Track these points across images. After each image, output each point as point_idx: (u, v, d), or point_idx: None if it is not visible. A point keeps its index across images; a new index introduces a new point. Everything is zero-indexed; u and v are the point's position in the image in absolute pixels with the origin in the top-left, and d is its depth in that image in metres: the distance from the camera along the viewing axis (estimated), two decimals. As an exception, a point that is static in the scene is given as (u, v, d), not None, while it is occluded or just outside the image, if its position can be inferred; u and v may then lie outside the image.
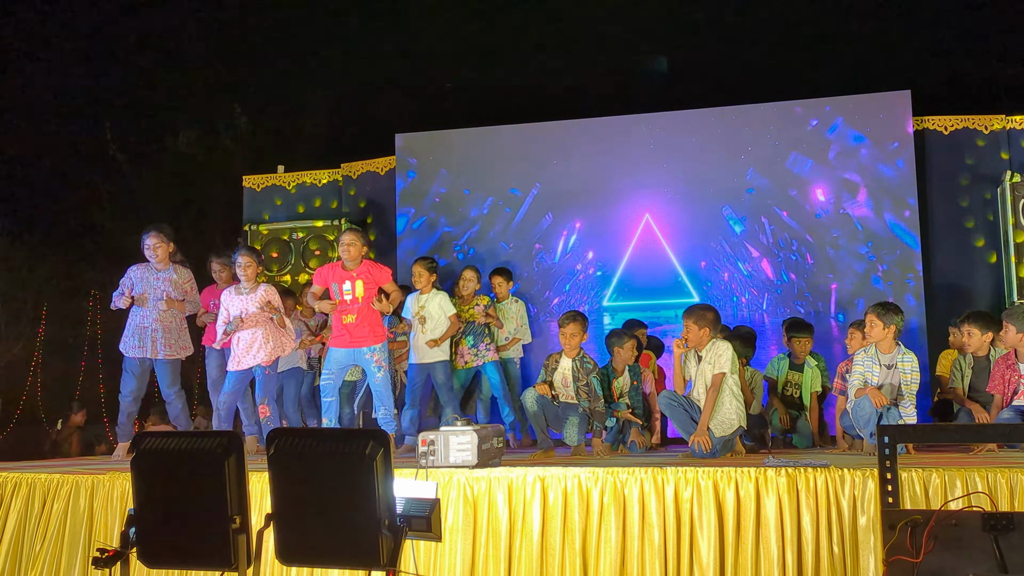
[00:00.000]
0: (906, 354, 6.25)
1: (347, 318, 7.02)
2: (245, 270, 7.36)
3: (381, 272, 7.21)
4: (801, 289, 8.94)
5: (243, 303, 7.33)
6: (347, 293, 7.03)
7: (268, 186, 10.74)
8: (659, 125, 9.47)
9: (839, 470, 4.78)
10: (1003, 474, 4.60)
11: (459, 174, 9.81)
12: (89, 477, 5.84)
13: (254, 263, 7.39)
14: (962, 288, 8.83)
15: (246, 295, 7.35)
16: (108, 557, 3.69)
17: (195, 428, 10.35)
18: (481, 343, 7.99)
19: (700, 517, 4.89)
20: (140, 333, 7.46)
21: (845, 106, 9.04)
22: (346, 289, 7.03)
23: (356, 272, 7.08)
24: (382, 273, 7.21)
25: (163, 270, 7.59)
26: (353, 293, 7.04)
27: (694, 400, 6.47)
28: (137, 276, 7.57)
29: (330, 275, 7.17)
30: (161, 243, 7.57)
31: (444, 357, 7.77)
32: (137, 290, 7.50)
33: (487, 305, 8.05)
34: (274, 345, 7.30)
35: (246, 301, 7.33)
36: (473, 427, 5.41)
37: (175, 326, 7.58)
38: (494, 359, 8.03)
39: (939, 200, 8.99)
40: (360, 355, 7.06)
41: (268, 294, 7.36)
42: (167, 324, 7.51)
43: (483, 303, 8.04)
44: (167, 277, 7.58)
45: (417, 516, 3.60)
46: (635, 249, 9.29)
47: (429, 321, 7.73)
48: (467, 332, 7.98)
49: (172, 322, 7.55)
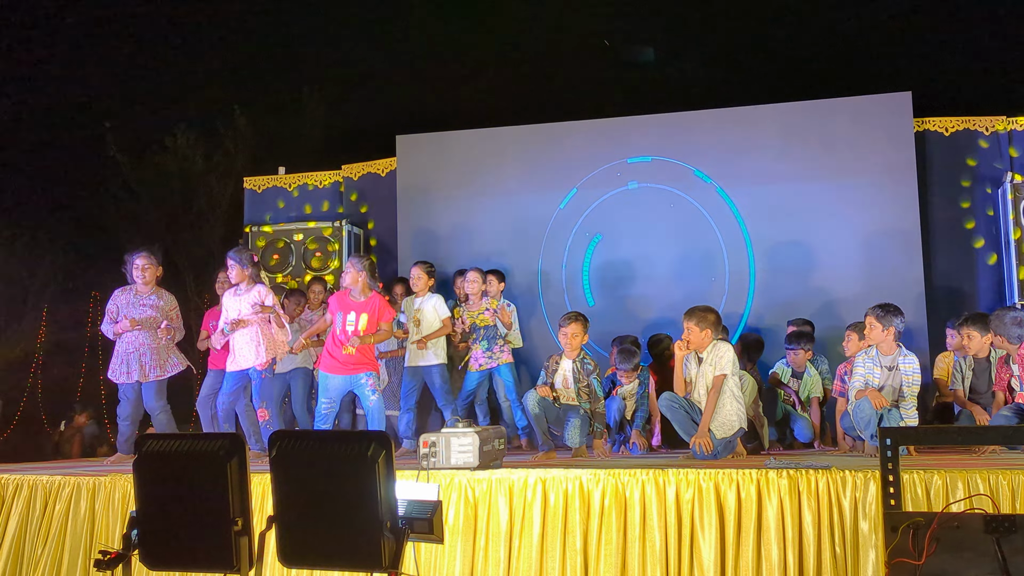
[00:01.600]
0: (907, 355, 6.26)
1: (347, 349, 7.03)
2: (229, 272, 7.36)
3: (385, 311, 7.20)
4: (802, 290, 8.93)
5: (239, 304, 7.32)
6: (350, 324, 7.05)
7: (269, 187, 10.74)
8: (657, 126, 9.47)
9: (840, 472, 4.78)
10: (1005, 476, 4.60)
11: (460, 176, 9.80)
12: (91, 479, 5.84)
13: (237, 267, 7.34)
14: (962, 290, 8.83)
15: (241, 296, 7.34)
16: (110, 559, 3.69)
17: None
18: (495, 345, 7.97)
19: (701, 518, 4.89)
20: (126, 358, 7.35)
21: (846, 107, 9.04)
22: (350, 320, 7.06)
23: (361, 304, 7.09)
24: (386, 312, 7.21)
25: (148, 295, 7.45)
26: (356, 325, 7.06)
27: (695, 402, 6.47)
28: (123, 302, 7.44)
29: (338, 305, 7.20)
30: (151, 265, 7.44)
31: (439, 361, 7.80)
32: (123, 315, 7.39)
33: (496, 309, 8.02)
34: (268, 347, 7.26)
35: (241, 302, 7.31)
36: (474, 429, 5.42)
37: (162, 346, 7.42)
38: (509, 361, 8.03)
39: (940, 201, 8.99)
40: (356, 381, 7.10)
41: (260, 294, 7.32)
42: (153, 345, 7.37)
43: (492, 306, 8.01)
44: (153, 304, 7.44)
45: (419, 518, 3.60)
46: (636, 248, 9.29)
47: (423, 323, 7.75)
48: (480, 337, 7.96)
49: (158, 343, 7.40)
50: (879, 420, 6.00)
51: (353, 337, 7.00)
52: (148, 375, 7.34)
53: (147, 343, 7.36)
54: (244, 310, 7.26)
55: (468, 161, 9.80)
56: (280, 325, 7.36)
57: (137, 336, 7.35)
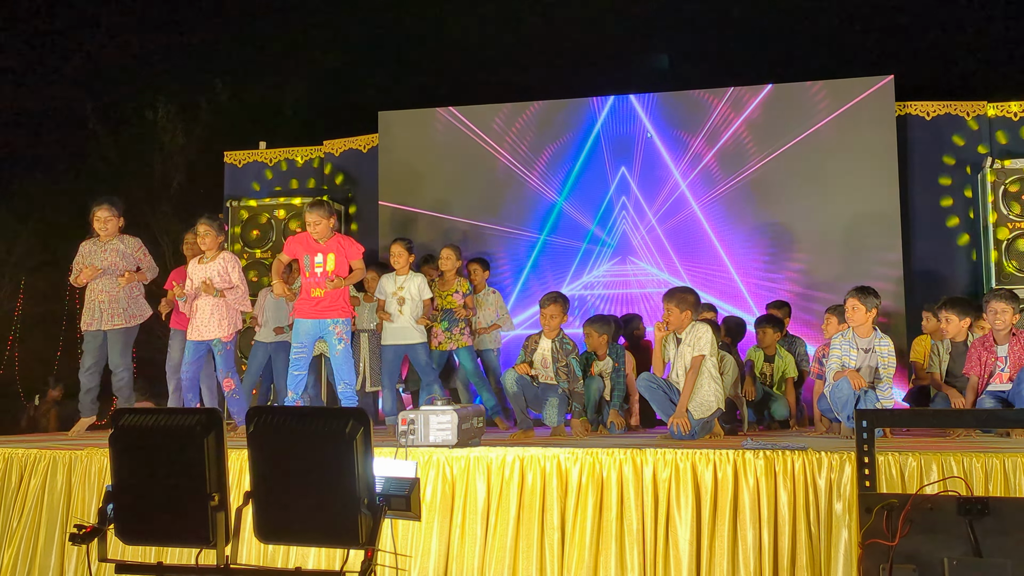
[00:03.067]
0: (883, 338, 6.31)
1: (315, 291, 6.93)
2: (204, 239, 7.28)
3: (352, 247, 7.05)
4: (781, 272, 8.97)
5: (204, 272, 7.26)
6: (318, 266, 6.93)
7: (250, 162, 10.68)
8: (645, 106, 9.46)
9: (816, 453, 4.81)
10: (978, 459, 4.64)
11: (442, 153, 9.78)
12: (66, 453, 5.82)
13: (212, 232, 7.26)
14: (940, 274, 8.88)
15: (207, 264, 7.28)
16: (86, 533, 3.68)
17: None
18: (455, 327, 7.94)
19: (678, 498, 4.91)
20: (91, 307, 7.30)
21: (827, 89, 9.05)
22: (317, 262, 6.93)
23: (326, 245, 6.99)
24: (353, 248, 7.05)
25: (110, 242, 7.37)
26: (324, 267, 6.95)
27: (673, 382, 6.50)
28: (87, 251, 7.39)
29: (300, 246, 7.03)
30: (112, 216, 7.37)
31: (423, 338, 7.75)
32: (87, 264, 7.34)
33: (466, 293, 7.98)
34: (231, 319, 7.20)
35: (207, 270, 7.26)
36: (453, 407, 5.42)
37: (124, 295, 7.33)
38: (467, 344, 7.98)
39: (920, 186, 9.02)
40: (324, 326, 6.91)
41: (225, 262, 7.25)
42: (114, 294, 7.29)
43: (463, 290, 7.97)
44: (115, 249, 7.35)
45: (397, 495, 3.60)
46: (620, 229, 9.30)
47: (409, 302, 7.69)
48: (443, 317, 7.94)
49: (120, 291, 7.31)
50: (856, 401, 6.04)
51: (324, 280, 6.89)
52: (111, 321, 7.27)
53: (107, 290, 7.29)
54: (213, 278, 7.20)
55: (451, 139, 9.77)
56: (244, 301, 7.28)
57: (100, 283, 7.29)
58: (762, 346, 7.87)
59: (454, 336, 7.91)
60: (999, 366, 6.46)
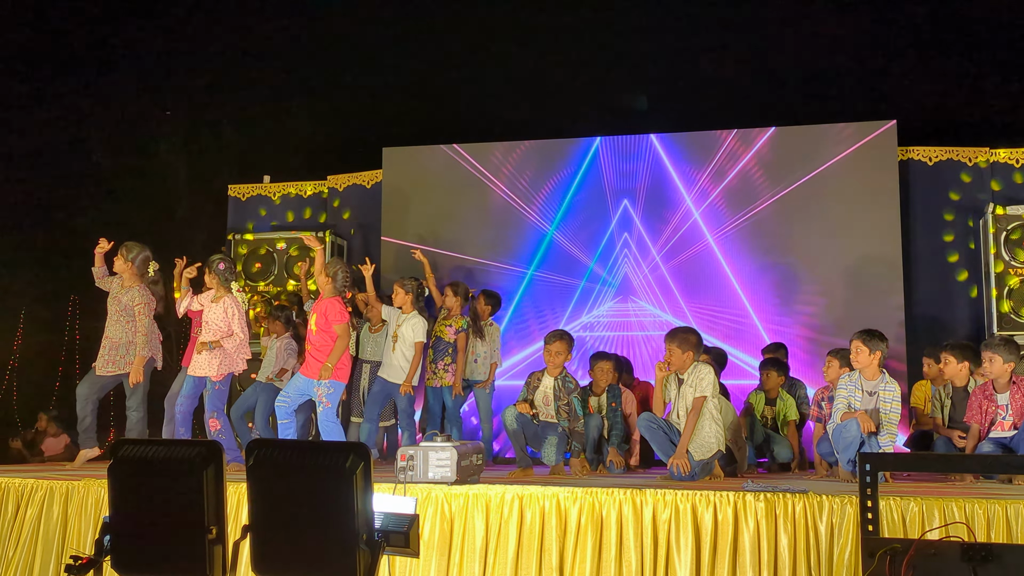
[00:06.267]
0: (889, 383, 6.27)
1: (307, 346, 7.04)
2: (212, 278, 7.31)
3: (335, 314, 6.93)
4: (791, 316, 8.95)
5: (208, 311, 7.26)
6: (313, 325, 7.03)
7: (253, 196, 10.71)
8: (646, 147, 9.49)
9: (818, 496, 4.79)
10: (980, 504, 4.62)
11: (446, 190, 9.80)
12: (63, 483, 5.80)
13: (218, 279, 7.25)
14: (942, 319, 8.88)
15: (212, 304, 7.28)
16: (82, 565, 3.65)
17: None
18: (440, 361, 7.93)
19: (678, 539, 4.89)
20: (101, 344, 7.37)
21: (830, 134, 9.09)
22: (312, 320, 7.05)
23: (317, 306, 7.06)
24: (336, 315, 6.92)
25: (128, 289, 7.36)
26: (307, 326, 7.10)
27: (674, 423, 6.48)
28: (113, 285, 7.46)
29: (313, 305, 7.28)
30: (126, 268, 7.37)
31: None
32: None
33: (459, 330, 7.96)
34: (222, 361, 7.17)
35: (211, 311, 7.25)
36: (452, 443, 5.41)
37: (123, 342, 7.32)
38: (449, 384, 7.92)
39: (922, 230, 9.04)
40: (310, 385, 6.93)
41: (226, 307, 7.21)
42: (115, 340, 7.30)
43: (456, 326, 7.95)
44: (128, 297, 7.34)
45: (395, 531, 3.58)
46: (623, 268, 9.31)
47: (401, 342, 7.72)
48: (432, 345, 7.94)
49: (121, 337, 7.31)
50: (859, 445, 6.01)
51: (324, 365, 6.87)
52: (102, 368, 7.29)
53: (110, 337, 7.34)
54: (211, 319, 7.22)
55: (455, 176, 9.78)
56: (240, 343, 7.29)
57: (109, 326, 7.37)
58: (765, 388, 7.85)
59: (437, 372, 7.90)
60: (1000, 414, 6.44)
